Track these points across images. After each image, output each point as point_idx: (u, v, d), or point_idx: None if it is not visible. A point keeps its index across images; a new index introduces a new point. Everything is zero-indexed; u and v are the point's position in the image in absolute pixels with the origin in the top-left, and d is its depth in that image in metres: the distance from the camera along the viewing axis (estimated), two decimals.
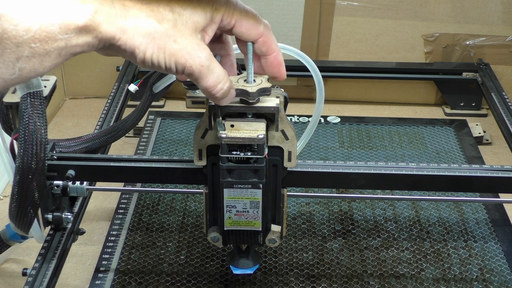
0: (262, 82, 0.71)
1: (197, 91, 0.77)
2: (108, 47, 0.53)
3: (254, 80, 0.70)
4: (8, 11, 0.44)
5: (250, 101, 0.71)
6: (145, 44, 0.54)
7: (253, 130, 0.73)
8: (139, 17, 0.54)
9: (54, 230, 0.99)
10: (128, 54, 0.55)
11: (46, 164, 0.86)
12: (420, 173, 0.89)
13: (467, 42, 1.59)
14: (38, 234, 0.92)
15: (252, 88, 0.70)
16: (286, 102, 0.78)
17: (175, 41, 0.56)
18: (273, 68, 0.69)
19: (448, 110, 1.61)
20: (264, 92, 0.70)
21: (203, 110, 0.77)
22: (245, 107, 0.71)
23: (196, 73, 0.58)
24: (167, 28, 0.56)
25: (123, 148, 1.43)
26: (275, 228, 0.82)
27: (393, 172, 0.90)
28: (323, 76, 0.80)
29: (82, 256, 1.13)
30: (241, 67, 0.75)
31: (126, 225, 1.11)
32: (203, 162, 0.80)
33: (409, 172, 0.90)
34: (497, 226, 1.12)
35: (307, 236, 1.10)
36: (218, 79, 0.60)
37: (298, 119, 1.44)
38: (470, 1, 1.55)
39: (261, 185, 0.76)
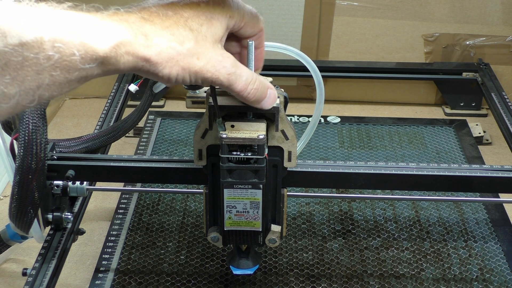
0: None
1: (197, 91, 0.78)
2: (130, 71, 0.54)
3: None
4: (30, 39, 0.44)
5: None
6: (169, 68, 0.55)
7: (253, 130, 0.73)
8: (161, 44, 0.54)
9: (54, 230, 0.99)
10: (151, 76, 0.56)
11: (46, 164, 0.86)
12: (420, 173, 0.89)
13: (467, 42, 1.59)
14: (38, 234, 0.92)
15: None
16: (286, 102, 0.78)
17: (198, 58, 0.57)
18: (256, 61, 0.70)
19: (448, 110, 1.61)
20: None
21: (203, 110, 0.77)
22: (245, 107, 0.71)
23: (225, 82, 0.60)
24: (189, 47, 0.56)
25: (123, 148, 1.43)
26: (275, 228, 0.82)
27: (393, 172, 0.90)
28: (323, 76, 0.80)
29: (82, 256, 1.13)
30: None
31: (126, 225, 1.11)
32: (203, 162, 0.80)
33: (409, 172, 0.90)
34: (497, 226, 1.12)
35: (307, 236, 1.10)
36: (247, 81, 0.62)
37: (298, 119, 1.44)
38: (470, 1, 1.55)
39: (261, 186, 0.76)
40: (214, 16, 0.60)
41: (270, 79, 0.72)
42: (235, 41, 0.70)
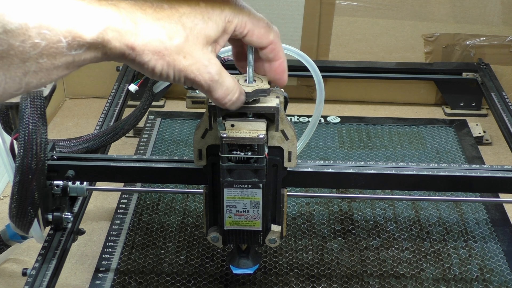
0: (262, 82, 0.70)
1: (197, 91, 0.77)
2: (117, 59, 0.53)
3: (254, 80, 0.70)
4: (15, 26, 0.43)
5: (246, 101, 0.70)
6: (154, 61, 0.54)
7: (253, 130, 0.73)
8: (149, 34, 0.53)
9: (54, 230, 0.99)
10: (136, 66, 0.55)
11: (46, 164, 0.86)
12: (420, 173, 0.89)
13: (467, 42, 1.59)
14: (38, 234, 0.92)
15: (249, 88, 0.69)
16: (286, 102, 0.78)
17: (185, 57, 0.56)
18: (276, 74, 0.69)
19: (448, 110, 1.61)
20: (262, 93, 0.70)
21: (203, 110, 0.77)
22: (245, 107, 0.71)
23: (205, 87, 0.59)
24: (178, 44, 0.55)
25: (123, 148, 1.43)
26: (275, 228, 0.82)
27: (393, 172, 0.90)
28: (323, 76, 0.80)
29: (82, 256, 1.13)
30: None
31: (126, 225, 1.11)
32: (203, 162, 0.80)
33: (409, 172, 0.90)
34: (497, 226, 1.12)
35: (307, 236, 1.10)
36: (226, 91, 0.61)
37: (298, 119, 1.44)
38: (470, 1, 1.55)
39: (261, 185, 0.76)
40: (212, 17, 0.58)
41: (268, 86, 0.71)
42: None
